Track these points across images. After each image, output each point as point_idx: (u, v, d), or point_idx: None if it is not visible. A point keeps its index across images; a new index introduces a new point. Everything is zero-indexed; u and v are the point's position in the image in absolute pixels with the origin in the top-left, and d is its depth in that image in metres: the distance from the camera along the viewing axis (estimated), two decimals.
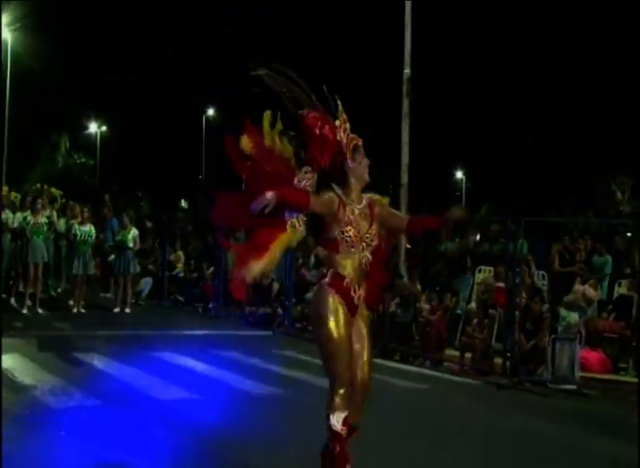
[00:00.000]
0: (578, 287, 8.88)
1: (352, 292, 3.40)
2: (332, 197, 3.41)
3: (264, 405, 5.66)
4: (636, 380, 7.46)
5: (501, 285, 9.21)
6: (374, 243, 3.47)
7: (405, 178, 11.99)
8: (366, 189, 3.62)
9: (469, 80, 32.27)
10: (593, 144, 31.85)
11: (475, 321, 8.37)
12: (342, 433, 3.28)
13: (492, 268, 9.56)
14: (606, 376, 7.52)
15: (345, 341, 3.35)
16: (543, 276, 9.55)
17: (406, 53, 10.90)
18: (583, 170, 31.42)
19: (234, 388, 6.19)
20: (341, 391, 3.29)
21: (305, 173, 3.47)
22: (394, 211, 3.82)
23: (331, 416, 3.28)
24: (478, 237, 13.62)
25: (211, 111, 37.05)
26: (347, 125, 3.51)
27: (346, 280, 3.39)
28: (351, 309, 3.41)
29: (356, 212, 3.44)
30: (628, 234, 15.50)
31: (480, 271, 9.89)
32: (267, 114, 3.51)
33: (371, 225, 3.47)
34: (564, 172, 31.84)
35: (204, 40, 33.25)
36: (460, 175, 41.33)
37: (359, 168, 3.50)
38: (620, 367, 7.85)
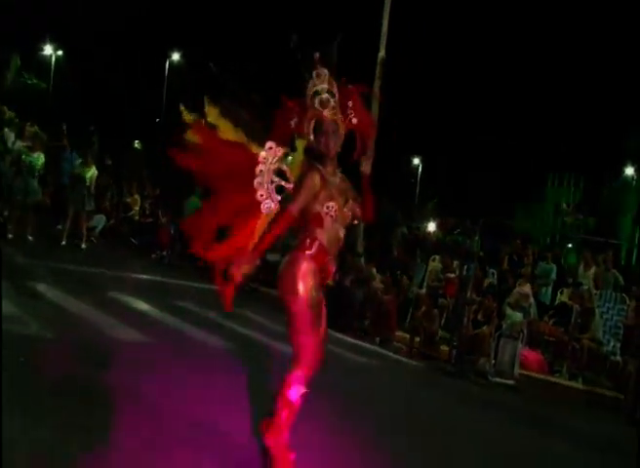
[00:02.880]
0: (517, 288, 9.29)
1: (330, 267, 3.34)
2: (313, 176, 3.26)
3: (218, 358, 5.69)
4: (569, 383, 7.96)
5: (452, 275, 9.54)
6: (348, 219, 3.41)
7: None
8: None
9: (439, 69, 32.53)
10: (547, 151, 32.90)
11: (424, 308, 8.62)
12: (296, 405, 3.24)
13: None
14: (542, 376, 7.95)
15: (321, 315, 3.29)
16: (493, 274, 9.92)
17: (382, 35, 10.84)
18: (535, 176, 32.44)
19: (191, 337, 6.18)
20: (308, 369, 3.23)
21: (270, 148, 3.36)
22: None
23: (292, 388, 3.21)
24: (433, 227, 13.98)
25: (176, 56, 35.76)
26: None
27: (329, 255, 3.32)
28: (323, 284, 3.34)
29: (335, 186, 3.33)
30: (569, 245, 16.32)
31: (434, 260, 10.15)
32: (207, 101, 3.42)
33: (347, 201, 3.38)
34: (514, 174, 32.79)
35: None
36: (416, 161, 41.81)
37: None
38: (556, 369, 8.31)
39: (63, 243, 10.47)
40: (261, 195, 3.35)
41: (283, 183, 3.37)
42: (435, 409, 5.86)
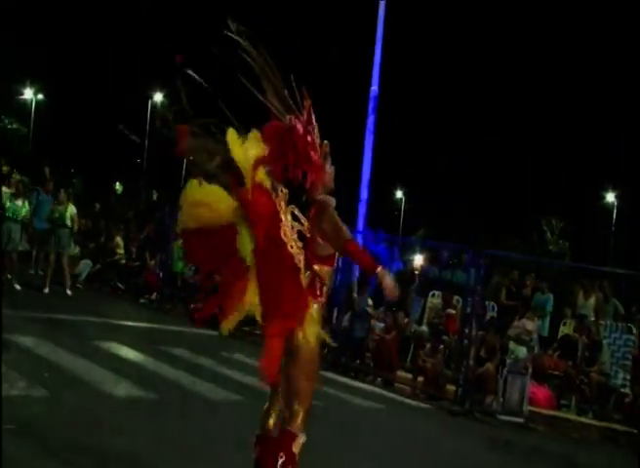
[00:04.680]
0: (517, 321, 9.09)
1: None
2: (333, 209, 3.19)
3: (224, 411, 5.39)
4: (578, 418, 7.72)
5: (452, 311, 9.34)
6: None
7: (365, 194, 12.03)
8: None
9: (427, 103, 33.01)
10: (529, 184, 33.31)
11: (428, 346, 8.38)
12: (297, 457, 3.08)
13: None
14: (551, 412, 7.70)
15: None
16: (493, 307, 9.73)
17: (375, 69, 10.86)
18: (517, 206, 32.75)
19: (190, 390, 5.86)
20: (307, 416, 3.12)
21: (281, 191, 3.07)
22: None
23: (296, 439, 3.07)
24: (423, 261, 13.82)
25: (158, 97, 35.82)
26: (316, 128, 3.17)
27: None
28: None
29: None
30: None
31: (433, 295, 9.95)
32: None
33: None
34: (499, 206, 33.07)
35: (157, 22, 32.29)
36: (399, 194, 42.03)
37: (329, 175, 3.26)
38: (563, 404, 8.07)
39: (46, 290, 10.11)
40: (291, 247, 3.03)
41: (302, 228, 3.09)
42: (450, 452, 5.60)
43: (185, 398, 5.57)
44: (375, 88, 9.47)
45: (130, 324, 8.87)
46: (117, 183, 38.06)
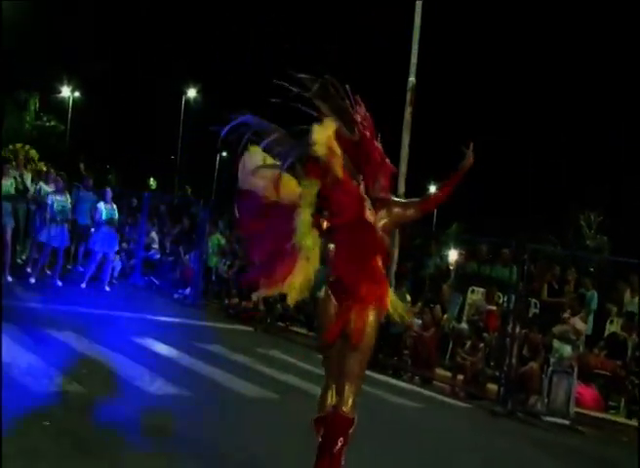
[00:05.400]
0: (567, 318, 8.75)
1: None
2: None
3: (261, 409, 5.27)
4: (627, 421, 7.38)
5: (493, 308, 9.04)
6: None
7: (402, 188, 11.77)
8: None
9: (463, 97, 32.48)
10: (564, 178, 32.47)
11: (469, 343, 8.12)
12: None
13: (484, 290, 9.36)
14: (599, 414, 7.38)
15: None
16: (536, 304, 9.39)
17: (412, 60, 10.54)
18: (553, 202, 31.95)
19: (226, 388, 5.75)
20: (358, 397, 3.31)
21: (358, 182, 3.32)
22: None
23: (353, 422, 3.27)
24: (458, 256, 13.47)
25: (192, 92, 36.02)
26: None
27: None
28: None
29: None
30: (591, 269, 15.77)
31: (473, 292, 9.65)
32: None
33: None
34: (534, 201, 32.31)
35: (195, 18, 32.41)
36: (433, 189, 41.48)
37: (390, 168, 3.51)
38: (610, 405, 7.74)
39: (83, 285, 10.16)
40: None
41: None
42: (492, 454, 5.38)
43: (220, 395, 5.46)
44: (412, 79, 9.19)
45: (165, 319, 8.83)
46: (151, 179, 38.46)
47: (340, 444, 3.17)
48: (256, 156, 3.34)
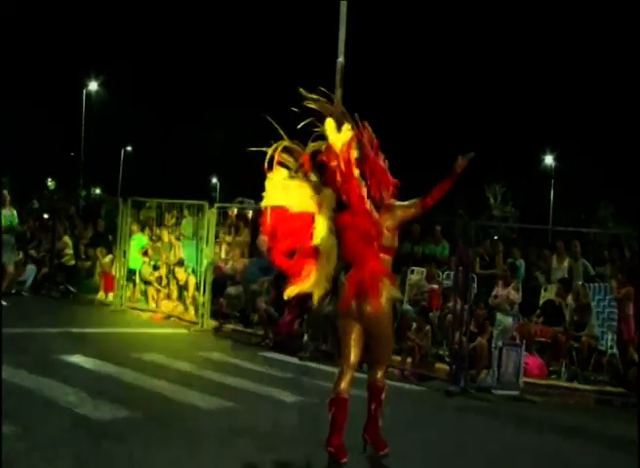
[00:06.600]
0: (500, 290, 8.90)
1: None
2: None
3: (223, 421, 4.87)
4: (570, 385, 7.60)
5: (434, 287, 9.01)
6: None
7: None
8: None
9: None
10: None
11: (415, 325, 8.04)
12: None
13: (424, 270, 9.32)
14: (543, 382, 7.53)
15: None
16: (473, 279, 9.47)
17: (340, 41, 10.25)
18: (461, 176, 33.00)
19: (178, 402, 5.29)
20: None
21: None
22: None
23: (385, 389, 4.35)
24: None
25: (93, 85, 33.82)
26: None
27: None
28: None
29: None
30: (495, 237, 16.42)
31: (413, 272, 9.59)
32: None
33: None
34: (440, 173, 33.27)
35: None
36: None
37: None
38: (551, 370, 7.92)
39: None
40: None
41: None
42: (457, 435, 5.27)
43: (175, 411, 5.00)
44: (341, 59, 8.90)
45: (91, 331, 8.13)
46: (49, 179, 36.10)
47: (375, 408, 4.19)
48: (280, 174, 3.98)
